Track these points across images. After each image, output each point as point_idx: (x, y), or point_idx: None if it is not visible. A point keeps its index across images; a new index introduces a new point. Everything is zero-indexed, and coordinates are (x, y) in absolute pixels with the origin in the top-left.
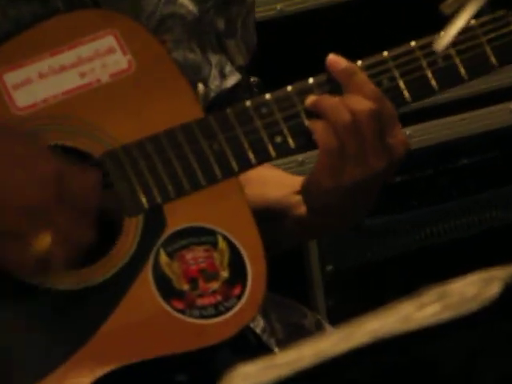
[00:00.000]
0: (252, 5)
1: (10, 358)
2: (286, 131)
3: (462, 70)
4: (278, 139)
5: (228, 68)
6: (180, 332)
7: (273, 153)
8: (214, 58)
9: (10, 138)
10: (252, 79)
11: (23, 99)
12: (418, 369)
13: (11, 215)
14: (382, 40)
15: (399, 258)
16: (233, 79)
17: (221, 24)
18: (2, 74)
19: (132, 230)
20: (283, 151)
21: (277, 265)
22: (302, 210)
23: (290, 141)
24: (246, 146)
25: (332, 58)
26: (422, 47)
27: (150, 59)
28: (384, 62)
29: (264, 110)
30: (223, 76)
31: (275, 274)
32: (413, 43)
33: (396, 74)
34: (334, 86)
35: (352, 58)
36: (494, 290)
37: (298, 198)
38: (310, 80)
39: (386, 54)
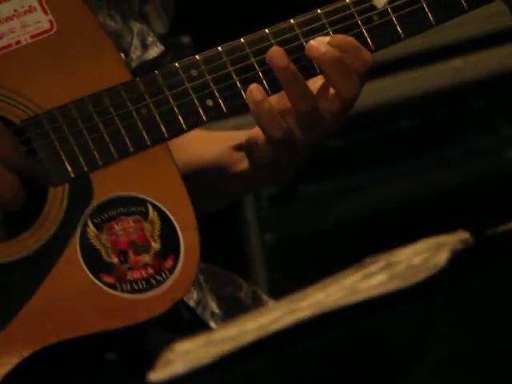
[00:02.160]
0: None
1: None
2: (217, 94)
3: (399, 28)
4: (210, 102)
5: (150, 39)
6: (110, 308)
7: (204, 117)
8: (136, 27)
9: None
10: (183, 39)
11: None
12: (365, 342)
13: None
14: None
15: (343, 225)
16: (155, 51)
17: None
18: None
19: (57, 200)
20: (215, 115)
21: (214, 234)
22: (242, 166)
23: (222, 104)
24: (176, 110)
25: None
26: (356, 3)
27: (73, 19)
28: (317, 19)
29: (194, 72)
30: (145, 47)
31: (212, 244)
32: (347, 0)
33: (330, 32)
34: (266, 46)
35: (286, 16)
36: (442, 257)
37: (238, 154)
38: (242, 40)
39: (319, 11)
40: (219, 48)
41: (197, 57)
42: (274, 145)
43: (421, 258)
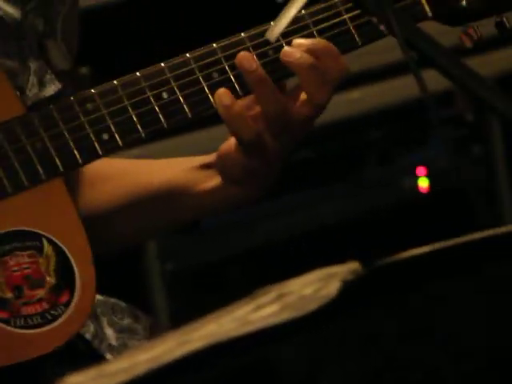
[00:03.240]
0: (74, 1)
1: None
2: (112, 128)
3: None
4: (105, 136)
5: (48, 76)
6: (4, 343)
7: (100, 151)
8: (34, 65)
9: None
10: (82, 70)
11: None
12: (257, 373)
13: None
14: (215, 31)
15: (241, 255)
16: (52, 88)
17: (40, 25)
18: None
19: None
20: (111, 148)
21: (114, 266)
22: (212, 183)
23: (118, 138)
24: (71, 144)
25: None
26: (251, 38)
27: None
28: (213, 53)
29: (89, 106)
30: (43, 84)
31: (112, 276)
32: (243, 34)
33: (225, 66)
34: (162, 80)
35: (188, 46)
36: (332, 287)
37: (205, 172)
38: (137, 73)
39: (214, 45)
40: (115, 82)
41: (92, 90)
42: (246, 151)
43: (312, 288)
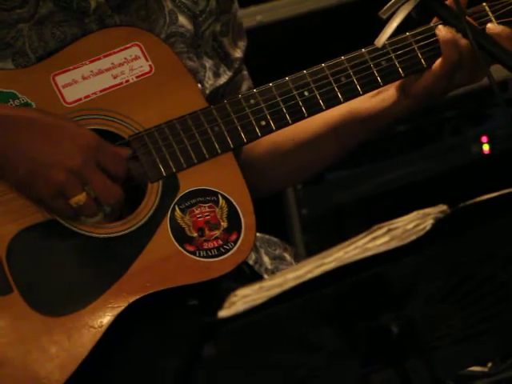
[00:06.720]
0: (235, 12)
1: (60, 289)
2: (268, 117)
3: (400, 70)
4: (263, 122)
5: (222, 69)
6: (192, 268)
7: (259, 133)
8: (208, 63)
9: (62, 120)
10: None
11: (71, 95)
12: (375, 283)
13: (59, 176)
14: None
15: (358, 202)
16: (224, 77)
17: (217, 27)
18: (54, 76)
19: (154, 192)
20: (267, 132)
21: (265, 213)
22: (389, 101)
23: (272, 124)
24: (239, 128)
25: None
26: (370, 51)
27: (166, 64)
28: (341, 64)
29: (252, 101)
30: (217, 75)
31: (264, 219)
32: (363, 50)
33: (351, 72)
34: (304, 82)
35: (316, 60)
36: (427, 223)
37: (379, 96)
38: (286, 78)
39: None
40: (270, 84)
41: (254, 90)
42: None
43: (413, 224)
